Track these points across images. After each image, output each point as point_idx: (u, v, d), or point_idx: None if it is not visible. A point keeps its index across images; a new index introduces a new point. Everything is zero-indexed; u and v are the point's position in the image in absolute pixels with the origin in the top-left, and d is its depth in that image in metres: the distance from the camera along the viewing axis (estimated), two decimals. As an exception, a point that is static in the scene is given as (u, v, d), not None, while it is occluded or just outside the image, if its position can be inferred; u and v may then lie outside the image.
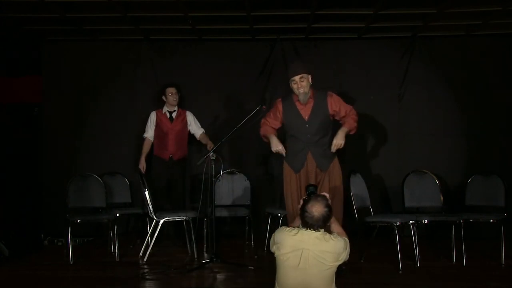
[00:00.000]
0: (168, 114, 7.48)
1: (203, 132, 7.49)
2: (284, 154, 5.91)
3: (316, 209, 4.32)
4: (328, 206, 4.36)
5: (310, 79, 5.84)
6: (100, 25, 7.51)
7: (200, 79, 8.06)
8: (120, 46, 8.11)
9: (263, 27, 7.54)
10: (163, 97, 7.48)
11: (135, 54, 8.12)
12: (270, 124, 6.03)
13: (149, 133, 7.50)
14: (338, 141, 5.77)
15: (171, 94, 7.42)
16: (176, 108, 7.49)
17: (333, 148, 5.77)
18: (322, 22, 7.32)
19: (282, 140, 6.02)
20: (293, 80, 5.81)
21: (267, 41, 8.02)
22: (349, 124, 5.87)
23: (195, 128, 7.51)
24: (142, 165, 7.40)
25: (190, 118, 7.51)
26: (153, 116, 7.51)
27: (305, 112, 5.86)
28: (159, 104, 7.66)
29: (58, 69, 8.10)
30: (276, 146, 5.90)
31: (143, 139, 7.51)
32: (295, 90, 5.83)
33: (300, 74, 5.79)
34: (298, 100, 5.87)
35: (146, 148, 7.49)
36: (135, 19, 7.20)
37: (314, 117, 5.84)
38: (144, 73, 8.12)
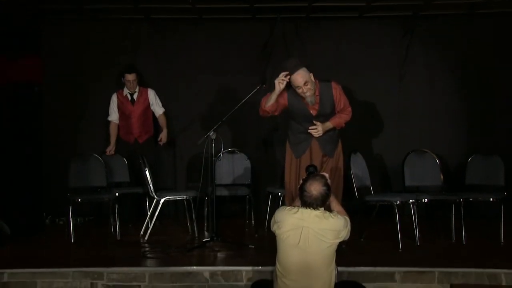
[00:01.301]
0: (129, 96, 7.46)
1: (163, 112, 7.50)
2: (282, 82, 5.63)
3: (315, 188, 4.34)
4: (327, 185, 4.39)
5: (312, 77, 5.66)
6: (100, 4, 7.47)
7: (200, 58, 8.06)
8: (120, 25, 8.09)
9: (263, 6, 7.51)
10: (122, 79, 7.44)
11: (135, 34, 8.10)
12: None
13: (113, 116, 7.50)
14: (319, 130, 5.70)
15: (129, 81, 7.37)
16: (137, 89, 7.46)
17: (312, 129, 5.71)
18: (323, 1, 7.29)
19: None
20: (298, 87, 5.62)
21: (267, 20, 7.98)
22: (337, 123, 5.83)
23: (156, 107, 7.50)
24: (109, 149, 7.42)
25: (152, 96, 7.49)
26: (114, 98, 7.50)
27: (313, 108, 5.79)
28: (162, 86, 7.78)
29: (58, 49, 8.06)
30: (278, 83, 5.60)
31: (108, 123, 7.54)
32: (301, 94, 5.67)
33: (303, 80, 5.56)
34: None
35: (113, 132, 7.51)
36: (135, -3, 7.20)
37: (321, 111, 5.78)
38: (144, 52, 8.11)
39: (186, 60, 8.07)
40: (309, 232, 4.30)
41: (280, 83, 5.60)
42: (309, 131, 5.72)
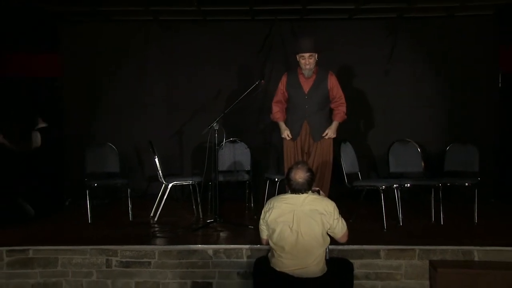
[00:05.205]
0: None
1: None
2: (288, 138, 5.98)
3: (300, 176, 4.43)
4: (310, 171, 4.49)
5: (316, 57, 5.83)
6: (113, 6, 7.50)
7: (205, 56, 8.07)
8: (131, 26, 8.10)
9: (262, 9, 7.55)
10: None
11: (145, 34, 8.12)
12: (280, 106, 6.07)
13: None
14: (331, 134, 5.92)
15: None
16: None
17: (324, 135, 5.90)
18: (316, 4, 7.32)
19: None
20: (302, 56, 5.79)
21: (266, 21, 7.98)
22: (341, 117, 6.00)
23: None
24: None
25: None
26: None
27: (306, 86, 5.88)
28: (170, 81, 7.91)
29: (76, 47, 8.08)
30: (283, 133, 6.00)
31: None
32: (302, 65, 5.83)
33: (310, 52, 5.77)
34: (302, 74, 5.90)
35: None
36: (145, 0, 7.19)
37: (314, 91, 5.88)
38: (153, 51, 8.12)
39: (191, 58, 8.08)
40: (300, 215, 4.39)
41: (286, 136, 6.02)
42: (323, 135, 5.90)
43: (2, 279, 5.26)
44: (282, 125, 6.04)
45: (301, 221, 4.39)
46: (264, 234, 4.65)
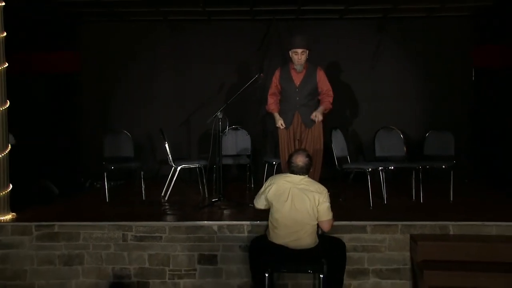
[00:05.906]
0: None
1: None
2: (282, 127, 5.99)
3: (300, 160, 4.56)
4: (309, 156, 4.62)
5: (307, 54, 5.83)
6: (127, 8, 7.52)
7: (209, 53, 8.09)
8: (142, 25, 8.13)
9: (261, 9, 7.56)
10: None
11: (155, 32, 8.15)
12: (274, 98, 6.06)
13: None
14: (319, 116, 5.84)
15: None
16: None
17: (313, 117, 5.86)
18: (310, 5, 7.34)
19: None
20: (295, 52, 5.78)
21: (264, 21, 7.99)
22: (326, 106, 5.93)
23: None
24: None
25: None
26: None
27: (297, 79, 5.90)
28: (177, 76, 7.98)
29: (93, 45, 8.13)
30: (277, 122, 5.98)
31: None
32: (294, 61, 5.82)
33: (303, 48, 5.77)
34: (294, 68, 5.91)
35: None
36: (155, 2, 7.21)
37: (304, 85, 5.89)
38: (163, 48, 8.16)
39: (196, 54, 8.10)
40: (294, 191, 4.51)
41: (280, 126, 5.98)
42: (311, 117, 5.85)
43: (32, 251, 5.34)
44: (276, 116, 6.05)
45: (295, 196, 4.51)
46: (258, 203, 4.78)
